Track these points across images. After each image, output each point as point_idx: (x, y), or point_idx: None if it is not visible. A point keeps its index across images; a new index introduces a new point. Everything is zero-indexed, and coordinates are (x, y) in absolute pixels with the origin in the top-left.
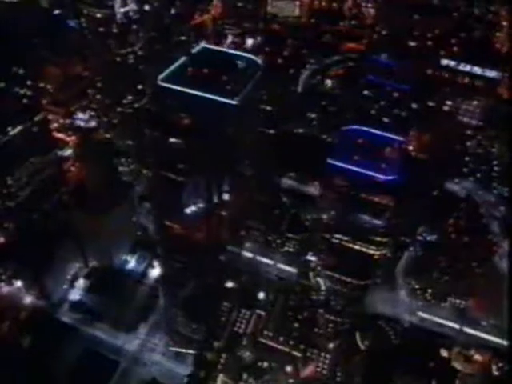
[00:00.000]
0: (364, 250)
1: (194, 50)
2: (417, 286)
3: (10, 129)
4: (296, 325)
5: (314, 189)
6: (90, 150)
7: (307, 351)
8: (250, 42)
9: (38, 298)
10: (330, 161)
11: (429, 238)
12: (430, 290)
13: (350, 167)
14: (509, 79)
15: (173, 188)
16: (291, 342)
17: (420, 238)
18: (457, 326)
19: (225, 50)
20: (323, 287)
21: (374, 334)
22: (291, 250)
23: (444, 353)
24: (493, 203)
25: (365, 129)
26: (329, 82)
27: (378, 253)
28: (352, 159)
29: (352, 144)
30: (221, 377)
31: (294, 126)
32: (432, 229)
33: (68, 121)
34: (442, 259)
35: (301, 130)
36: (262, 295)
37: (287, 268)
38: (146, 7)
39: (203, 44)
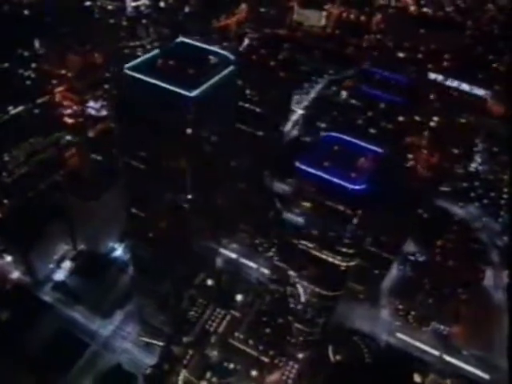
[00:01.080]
0: (330, 259)
1: (172, 42)
2: (400, 307)
3: (11, 108)
4: (268, 330)
5: None
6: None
7: (275, 358)
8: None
9: (25, 274)
10: (298, 164)
11: (420, 259)
12: (413, 312)
13: (316, 172)
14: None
15: (138, 176)
16: (261, 347)
17: (412, 258)
18: (436, 353)
19: (201, 45)
20: (302, 296)
21: (347, 349)
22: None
23: (417, 378)
24: (497, 232)
25: (344, 137)
26: (344, 94)
27: (344, 264)
28: (321, 165)
29: (326, 150)
30: (184, 372)
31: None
32: (424, 249)
33: (80, 108)
34: (427, 281)
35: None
36: (239, 297)
37: (268, 272)
38: (161, 4)
39: (181, 38)
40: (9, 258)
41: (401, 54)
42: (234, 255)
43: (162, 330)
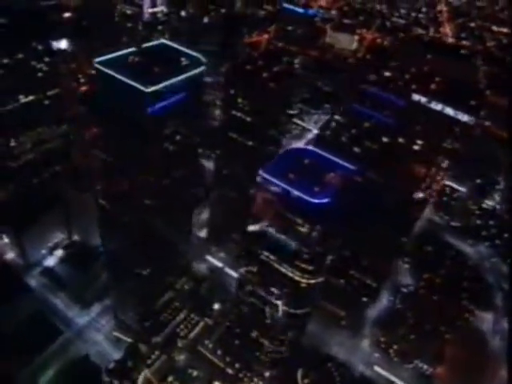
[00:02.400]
0: (290, 274)
1: (149, 44)
2: (382, 339)
3: (21, 97)
4: (238, 343)
5: None
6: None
7: (241, 372)
8: None
9: (18, 256)
10: (261, 173)
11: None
12: (395, 347)
13: (278, 183)
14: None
15: (105, 168)
16: (228, 359)
17: (404, 290)
18: None
19: (179, 47)
20: (268, 311)
21: (318, 375)
22: None
23: None
24: (505, 275)
25: (317, 151)
26: None
27: (304, 281)
28: (286, 176)
29: (295, 163)
30: (146, 372)
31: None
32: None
33: None
34: (410, 315)
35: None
36: (217, 306)
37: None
38: (183, 13)
39: (162, 40)
40: (6, 240)
41: (387, 73)
42: (220, 264)
43: (133, 327)
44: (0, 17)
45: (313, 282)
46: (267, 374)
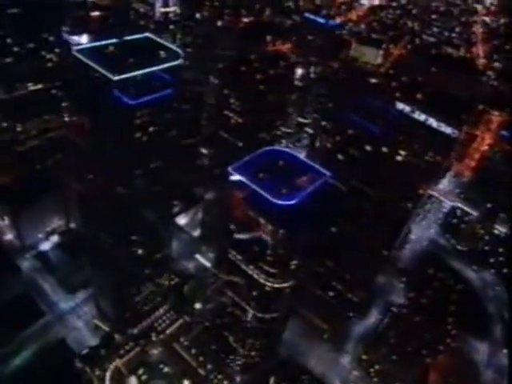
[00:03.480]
0: (255, 276)
1: (133, 37)
2: (364, 357)
3: (30, 85)
4: (213, 345)
5: None
6: None
7: (212, 373)
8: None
9: (15, 237)
10: (230, 169)
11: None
12: (377, 367)
13: (244, 180)
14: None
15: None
16: (201, 359)
17: (394, 309)
18: None
19: (162, 42)
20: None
21: None
22: None
23: None
24: (507, 303)
25: (294, 154)
26: None
27: (268, 284)
28: (255, 175)
29: (268, 163)
30: (117, 361)
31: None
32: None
33: None
34: (394, 335)
35: None
36: (198, 305)
37: None
38: (197, 15)
39: (147, 34)
40: (6, 222)
41: (373, 80)
42: (208, 264)
43: (111, 317)
44: (15, 6)
45: (278, 286)
46: (238, 378)
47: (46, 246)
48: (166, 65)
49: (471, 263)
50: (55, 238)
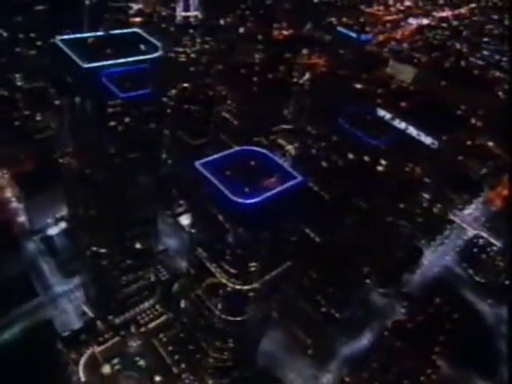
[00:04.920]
0: (217, 275)
1: (120, 31)
2: (347, 379)
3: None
4: (191, 345)
5: None
6: None
7: (184, 373)
8: None
9: (27, 220)
10: (196, 164)
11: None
12: None
13: (208, 176)
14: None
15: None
16: (176, 357)
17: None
18: None
19: (148, 37)
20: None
21: None
22: None
23: None
24: None
25: (269, 155)
26: None
27: (230, 284)
28: (221, 172)
29: (239, 162)
30: (94, 348)
31: None
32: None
33: None
34: (375, 359)
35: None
36: (183, 303)
37: None
38: (221, 21)
39: (136, 29)
40: (21, 205)
41: (358, 85)
42: None
43: (98, 305)
44: (41, 4)
45: (238, 287)
46: (210, 382)
47: (53, 231)
48: (144, 56)
49: (487, 297)
50: (63, 225)
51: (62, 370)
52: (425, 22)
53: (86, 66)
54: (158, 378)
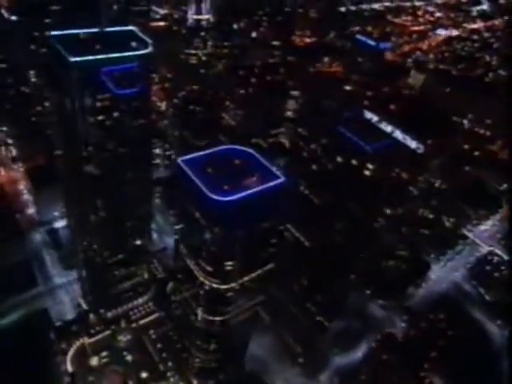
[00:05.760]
0: (195, 272)
1: (115, 28)
2: None
3: None
4: (179, 345)
5: None
6: None
7: (170, 372)
8: None
9: (36, 212)
10: (178, 161)
11: None
12: None
13: (187, 172)
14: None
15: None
16: (164, 355)
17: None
18: None
19: (143, 36)
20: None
21: None
22: None
23: None
24: None
25: (256, 155)
26: None
27: (207, 282)
28: (203, 170)
29: (222, 160)
30: (84, 339)
31: None
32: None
33: None
34: (364, 371)
35: None
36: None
37: None
38: (235, 26)
39: (132, 27)
40: (32, 198)
41: (347, 87)
42: None
43: (92, 298)
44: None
45: (216, 286)
46: (195, 382)
47: (59, 224)
48: (132, 53)
49: (496, 317)
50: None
51: (52, 359)
52: (454, 33)
53: (73, 59)
54: (143, 375)
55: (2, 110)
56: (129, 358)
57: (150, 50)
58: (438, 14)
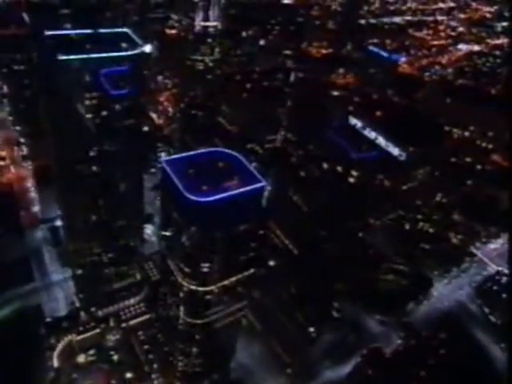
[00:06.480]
0: (175, 273)
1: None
2: None
3: None
4: (166, 347)
5: None
6: None
7: (155, 374)
8: None
9: (39, 210)
10: (161, 159)
11: None
12: None
13: (170, 174)
14: None
15: None
16: (150, 357)
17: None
18: None
19: (135, 37)
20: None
21: None
22: None
23: None
24: None
25: (241, 158)
26: None
27: (185, 284)
28: (185, 170)
29: (208, 162)
30: (73, 336)
31: None
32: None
33: None
34: None
35: None
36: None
37: None
38: (244, 33)
39: (126, 29)
40: (37, 195)
41: (335, 93)
42: None
43: (85, 296)
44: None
45: (194, 288)
46: None
47: (60, 223)
48: (119, 53)
49: (501, 340)
50: None
51: (41, 353)
52: (476, 48)
53: (61, 57)
54: (128, 375)
55: (18, 110)
56: (115, 357)
57: (139, 51)
58: (460, 29)
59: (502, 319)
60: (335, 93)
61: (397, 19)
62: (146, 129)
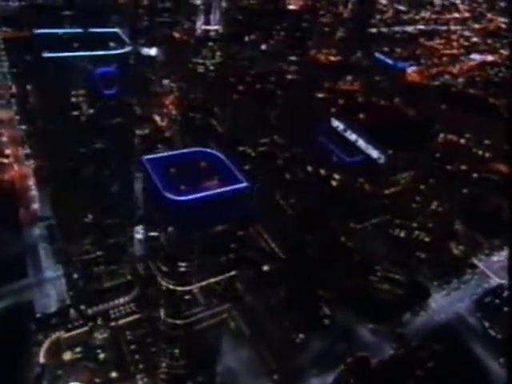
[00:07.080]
0: (154, 272)
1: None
2: None
3: None
4: (154, 348)
5: None
6: None
7: (139, 374)
8: None
9: (39, 207)
10: (143, 158)
11: None
12: None
13: (149, 172)
14: None
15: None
16: (136, 357)
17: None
18: None
19: (125, 38)
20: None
21: None
22: None
23: None
24: None
25: (223, 159)
26: None
27: (163, 283)
28: (165, 169)
29: (190, 162)
30: (61, 333)
31: None
32: None
33: None
34: None
35: None
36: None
37: None
38: (246, 38)
39: (117, 29)
40: (37, 193)
41: (320, 95)
42: None
43: (76, 293)
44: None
45: (172, 287)
46: None
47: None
48: (106, 52)
49: (500, 355)
50: None
51: (30, 349)
52: (489, 58)
53: (46, 55)
54: (113, 374)
55: (23, 109)
56: (101, 355)
57: (123, 50)
58: (474, 39)
59: (502, 334)
60: (320, 95)
61: (409, 28)
62: (146, 131)
